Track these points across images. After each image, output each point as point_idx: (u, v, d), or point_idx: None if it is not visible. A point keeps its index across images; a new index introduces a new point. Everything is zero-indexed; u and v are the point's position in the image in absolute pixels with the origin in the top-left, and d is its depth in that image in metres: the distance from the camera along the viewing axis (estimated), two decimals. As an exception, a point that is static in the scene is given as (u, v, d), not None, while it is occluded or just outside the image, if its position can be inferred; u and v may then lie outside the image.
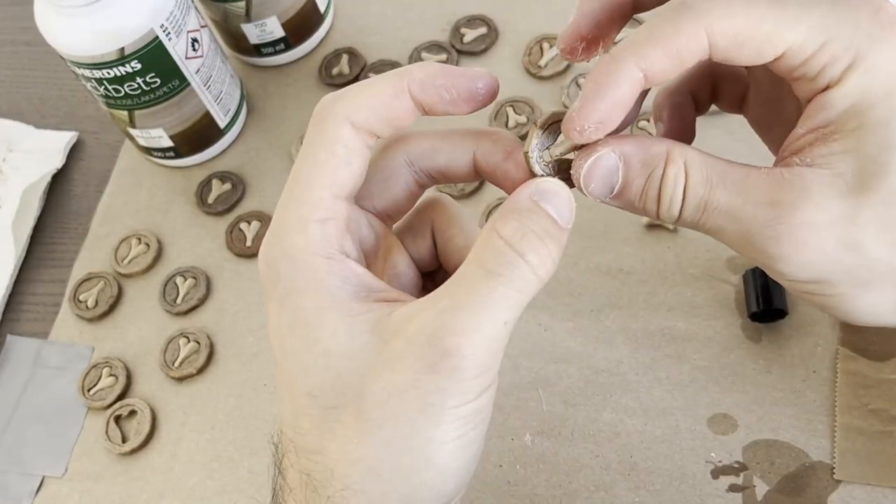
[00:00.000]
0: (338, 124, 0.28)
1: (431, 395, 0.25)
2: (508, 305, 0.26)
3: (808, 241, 0.26)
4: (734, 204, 0.27)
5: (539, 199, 0.27)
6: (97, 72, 0.47)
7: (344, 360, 0.26)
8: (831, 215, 0.26)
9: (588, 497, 0.40)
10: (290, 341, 0.27)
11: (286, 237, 0.28)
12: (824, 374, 0.40)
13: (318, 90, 0.56)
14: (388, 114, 0.28)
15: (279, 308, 0.28)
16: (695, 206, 0.27)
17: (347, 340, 0.27)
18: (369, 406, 0.26)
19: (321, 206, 0.28)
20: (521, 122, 0.51)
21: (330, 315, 0.27)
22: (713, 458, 0.39)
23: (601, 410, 0.41)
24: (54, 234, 0.55)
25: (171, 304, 0.50)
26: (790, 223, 0.26)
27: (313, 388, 0.27)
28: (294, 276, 0.28)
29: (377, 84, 0.28)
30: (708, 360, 0.42)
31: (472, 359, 0.25)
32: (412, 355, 0.25)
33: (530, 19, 0.55)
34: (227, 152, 0.55)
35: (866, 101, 0.26)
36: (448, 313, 0.26)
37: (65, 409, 0.48)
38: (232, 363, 0.48)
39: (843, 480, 0.38)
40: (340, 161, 0.28)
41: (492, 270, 0.26)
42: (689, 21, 0.26)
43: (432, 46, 0.55)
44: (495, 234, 0.26)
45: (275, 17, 0.54)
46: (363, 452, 0.26)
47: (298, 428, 0.27)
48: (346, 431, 0.26)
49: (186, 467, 0.45)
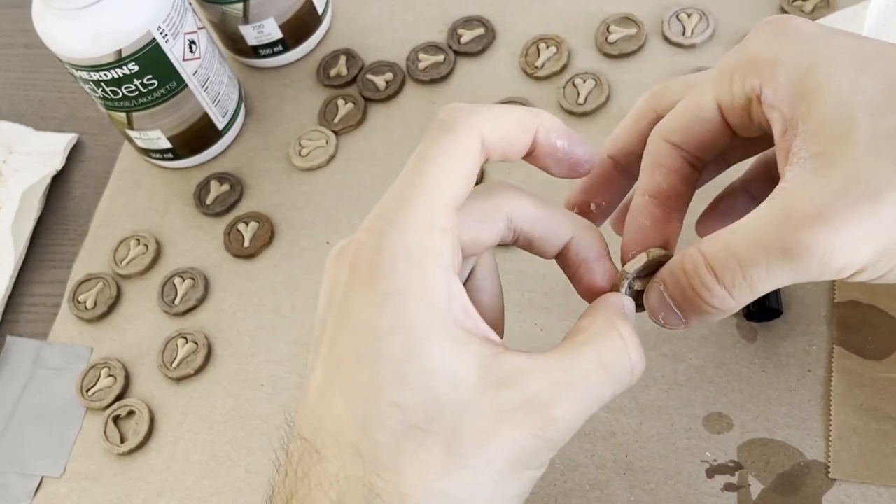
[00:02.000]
0: (472, 137, 0.28)
1: (525, 454, 0.26)
2: (603, 400, 0.28)
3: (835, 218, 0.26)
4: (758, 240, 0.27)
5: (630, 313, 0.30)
6: (95, 74, 0.47)
7: (447, 386, 0.26)
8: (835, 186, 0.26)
9: (583, 496, 0.40)
10: (389, 343, 0.26)
11: (409, 234, 0.27)
12: (819, 373, 0.40)
13: (316, 91, 0.56)
14: (510, 145, 0.29)
15: (381, 303, 0.26)
16: (731, 275, 0.28)
17: (453, 367, 0.26)
18: (465, 444, 0.26)
19: (445, 214, 0.27)
20: (517, 122, 0.51)
21: (438, 330, 0.26)
22: (708, 457, 0.40)
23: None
24: (54, 235, 0.56)
25: (170, 305, 0.50)
26: (809, 214, 0.26)
27: (405, 401, 0.26)
28: (409, 276, 0.27)
29: (512, 113, 0.29)
30: (703, 359, 0.42)
31: (564, 435, 0.27)
32: (524, 414, 0.26)
33: (527, 20, 0.55)
34: (226, 153, 0.55)
35: (798, 83, 0.28)
36: (562, 387, 0.27)
37: (64, 410, 0.48)
38: (230, 363, 0.48)
39: (838, 479, 0.38)
40: (467, 173, 0.28)
41: (607, 366, 0.28)
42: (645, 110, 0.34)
43: (429, 47, 0.55)
44: (617, 333, 0.28)
45: (272, 19, 0.54)
46: (446, 487, 0.26)
47: (372, 437, 0.26)
48: (429, 459, 0.26)
49: (184, 467, 0.45)
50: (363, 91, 0.55)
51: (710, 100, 0.31)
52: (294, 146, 0.54)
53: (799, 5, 0.51)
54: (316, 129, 0.54)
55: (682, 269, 0.29)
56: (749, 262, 0.27)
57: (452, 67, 0.54)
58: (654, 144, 0.32)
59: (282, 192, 0.53)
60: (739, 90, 0.30)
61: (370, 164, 0.53)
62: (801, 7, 0.51)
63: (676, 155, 0.32)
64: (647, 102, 0.34)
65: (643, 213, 0.32)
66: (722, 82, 0.31)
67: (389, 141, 0.53)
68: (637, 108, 0.34)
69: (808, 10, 0.50)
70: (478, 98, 0.53)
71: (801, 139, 0.28)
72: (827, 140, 0.27)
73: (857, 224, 0.26)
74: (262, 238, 0.51)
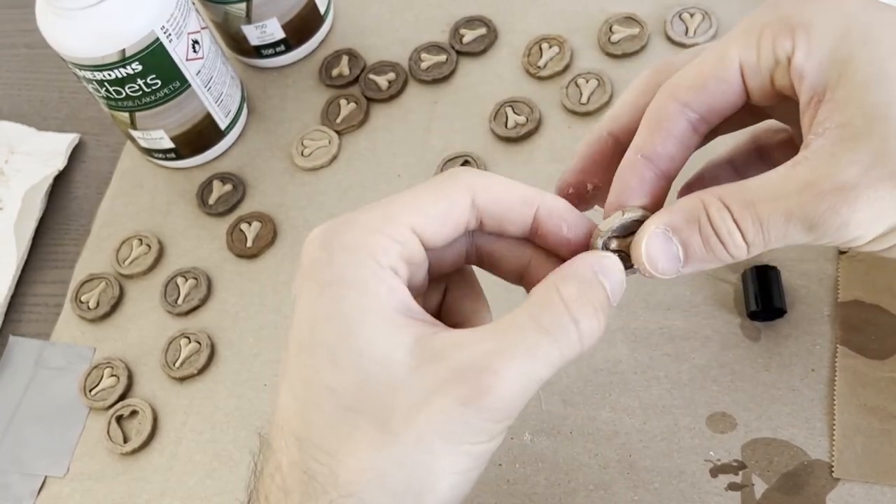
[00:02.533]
0: (460, 189, 0.29)
1: (457, 426, 0.26)
2: (549, 364, 0.27)
3: (857, 196, 0.26)
4: (781, 206, 0.27)
5: (599, 273, 0.28)
6: (98, 73, 0.47)
7: (377, 366, 0.26)
8: (863, 163, 0.26)
9: (587, 496, 0.40)
10: (324, 330, 0.27)
11: (351, 232, 0.28)
12: (823, 373, 0.40)
13: (319, 91, 0.56)
14: (508, 213, 0.29)
15: (319, 293, 0.27)
16: (754, 230, 0.28)
17: (385, 348, 0.26)
18: (395, 420, 0.26)
19: (399, 229, 0.28)
20: (520, 122, 0.51)
21: (372, 316, 0.27)
22: (712, 456, 0.40)
23: (600, 409, 0.42)
24: (56, 235, 0.56)
25: (172, 305, 0.50)
26: (834, 189, 0.26)
27: (337, 383, 0.27)
28: (345, 267, 0.27)
29: (514, 186, 0.30)
30: (707, 358, 0.42)
31: (502, 404, 0.26)
32: (452, 384, 0.26)
33: (529, 20, 0.55)
34: (228, 153, 0.55)
35: (831, 50, 0.27)
36: (493, 356, 0.26)
37: (66, 410, 0.48)
38: (232, 363, 0.48)
39: (842, 478, 0.38)
40: (439, 215, 0.29)
41: (544, 327, 0.27)
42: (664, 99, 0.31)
43: (432, 47, 0.55)
44: (555, 293, 0.27)
45: (275, 19, 0.54)
46: (377, 464, 0.26)
47: (309, 422, 0.27)
48: (363, 438, 0.26)
49: (187, 467, 0.45)
50: (365, 91, 0.55)
51: (733, 58, 0.29)
52: (296, 146, 0.54)
53: None
54: (318, 129, 0.54)
55: (704, 214, 0.28)
56: (770, 223, 0.27)
57: (455, 67, 0.54)
58: (661, 102, 0.31)
59: (284, 192, 0.53)
60: (768, 50, 0.29)
61: (372, 164, 0.53)
62: None
63: (681, 116, 0.30)
64: (651, 76, 0.32)
65: (633, 172, 0.31)
66: (749, 40, 0.29)
67: (392, 141, 0.53)
68: (639, 82, 0.33)
69: None
70: (480, 98, 0.53)
71: (828, 107, 0.27)
72: (855, 111, 0.27)
73: (878, 202, 0.26)
74: (264, 238, 0.51)
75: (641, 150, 0.30)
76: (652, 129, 0.30)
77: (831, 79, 0.27)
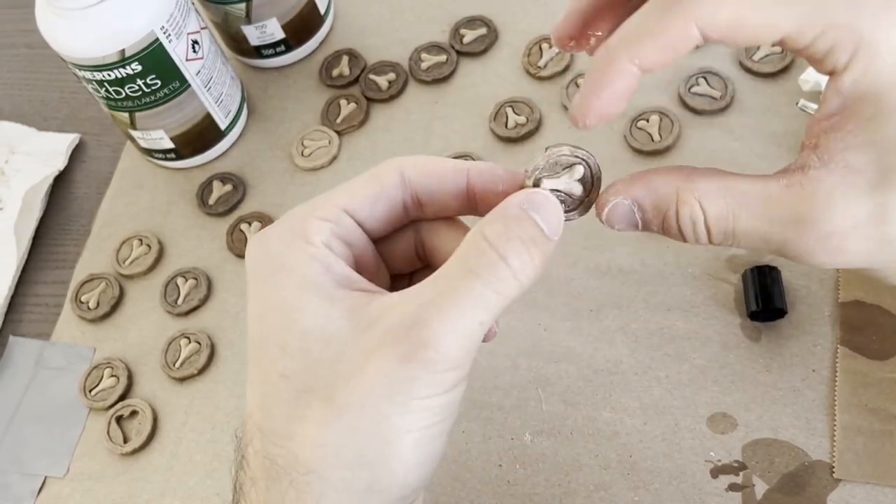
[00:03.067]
0: (389, 169, 0.30)
1: (401, 384, 0.26)
2: (485, 306, 0.26)
3: (840, 248, 0.27)
4: (760, 228, 0.27)
5: (528, 208, 0.28)
6: (98, 74, 0.47)
7: (320, 344, 0.27)
8: (858, 218, 0.26)
9: (587, 496, 0.40)
10: (271, 319, 0.28)
11: (283, 224, 0.29)
12: (824, 373, 0.40)
13: (319, 91, 0.56)
14: (439, 183, 0.30)
15: (262, 285, 0.28)
16: (722, 237, 0.28)
17: (325, 324, 0.27)
18: (338, 392, 0.26)
19: (328, 210, 0.29)
20: (520, 122, 0.51)
21: (309, 297, 0.27)
22: (712, 457, 0.39)
23: (600, 410, 0.42)
24: (56, 235, 0.56)
25: (172, 305, 0.50)
26: (819, 236, 0.27)
27: (287, 369, 0.27)
28: (281, 255, 0.28)
29: (443, 159, 0.30)
30: (707, 359, 0.42)
31: (444, 352, 0.26)
32: (387, 345, 0.26)
33: (530, 20, 0.55)
34: (228, 154, 0.55)
35: (878, 86, 0.26)
36: (425, 307, 0.26)
37: (66, 410, 0.48)
38: (232, 363, 0.48)
39: (843, 479, 0.38)
40: (369, 192, 0.29)
41: (472, 270, 0.26)
42: (679, 16, 0.26)
43: (432, 47, 0.55)
44: (480, 236, 0.27)
45: (275, 19, 0.54)
46: (329, 437, 0.26)
47: (267, 411, 0.27)
48: (314, 416, 0.26)
49: (187, 467, 0.45)
50: (365, 91, 0.55)
51: (779, 28, 0.26)
52: (296, 146, 0.54)
53: None
54: (318, 129, 0.54)
55: (674, 208, 0.28)
56: (743, 239, 0.28)
57: (455, 67, 0.54)
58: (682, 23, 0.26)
59: (284, 193, 0.53)
60: (822, 49, 0.26)
61: (372, 165, 0.51)
62: None
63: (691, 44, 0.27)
64: None
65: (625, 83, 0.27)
66: (809, 24, 0.26)
67: (392, 141, 0.53)
68: None
69: None
70: (480, 98, 0.53)
71: (845, 141, 0.27)
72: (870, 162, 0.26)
73: (857, 255, 0.27)
74: (264, 235, 0.51)
75: (642, 64, 0.27)
76: (661, 50, 0.27)
77: (863, 112, 0.26)
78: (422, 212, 0.31)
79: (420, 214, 0.31)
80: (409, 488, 0.27)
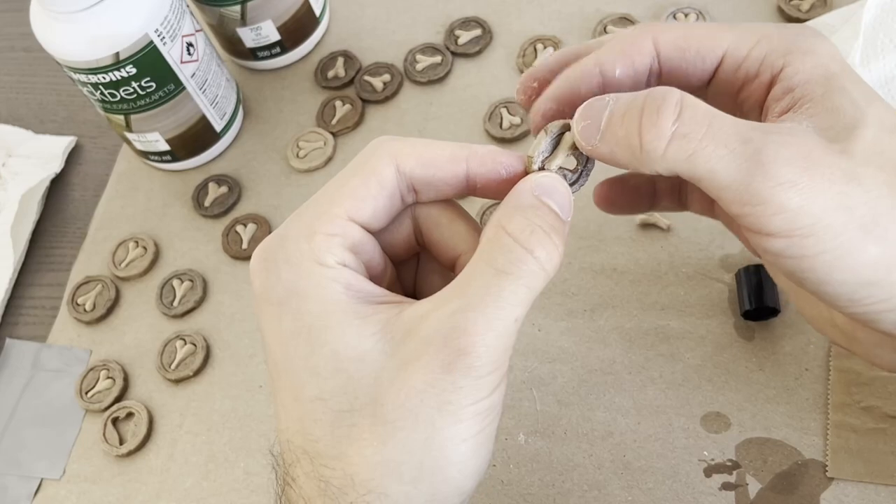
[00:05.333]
0: (383, 161, 0.29)
1: (449, 394, 0.25)
2: (518, 302, 0.26)
3: (799, 180, 0.25)
4: (730, 140, 0.26)
5: (541, 195, 0.28)
6: (93, 76, 0.47)
7: (354, 363, 0.26)
8: (822, 151, 0.26)
9: (581, 496, 0.40)
10: (294, 345, 0.27)
11: (289, 243, 0.28)
12: (817, 372, 0.40)
13: (314, 93, 0.56)
14: (437, 173, 0.29)
15: (278, 312, 0.28)
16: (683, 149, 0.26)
17: (357, 342, 0.26)
18: (386, 408, 0.26)
19: (334, 222, 0.28)
20: (514, 122, 0.51)
21: (336, 318, 0.27)
22: (706, 456, 0.39)
23: (595, 409, 0.42)
24: (53, 238, 0.56)
25: (168, 307, 0.50)
26: (780, 155, 0.25)
27: (323, 391, 0.27)
28: (295, 281, 0.27)
29: (437, 143, 0.29)
30: (701, 358, 0.42)
31: (486, 357, 0.26)
32: (427, 356, 0.26)
33: (524, 21, 0.55)
34: (224, 156, 0.55)
35: (824, 73, 0.28)
36: (461, 314, 0.26)
37: (63, 412, 0.48)
38: (228, 365, 0.48)
39: (836, 478, 0.38)
40: (369, 193, 0.28)
41: (502, 269, 0.26)
42: (638, 29, 0.30)
43: (427, 49, 0.55)
44: (503, 232, 0.27)
45: (270, 21, 0.54)
46: (384, 456, 0.26)
47: (309, 435, 0.27)
48: (363, 435, 0.26)
49: (183, 468, 0.45)
50: (361, 92, 0.55)
51: (720, 44, 0.30)
52: (292, 148, 0.54)
53: (796, 4, 0.51)
54: (314, 130, 0.54)
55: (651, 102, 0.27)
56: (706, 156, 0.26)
57: (450, 68, 0.54)
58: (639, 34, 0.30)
59: (280, 194, 0.53)
60: (758, 56, 0.29)
61: (368, 166, 0.52)
62: (799, 6, 0.51)
63: (649, 57, 0.30)
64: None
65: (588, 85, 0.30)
66: (744, 38, 0.29)
67: (387, 142, 0.53)
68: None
69: (804, 9, 0.50)
70: (475, 99, 0.53)
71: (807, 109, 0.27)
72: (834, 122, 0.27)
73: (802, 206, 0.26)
74: (260, 240, 0.50)
75: (602, 67, 0.30)
76: (620, 52, 0.30)
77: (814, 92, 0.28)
78: (417, 198, 0.30)
79: (415, 199, 0.30)
80: (466, 494, 0.27)
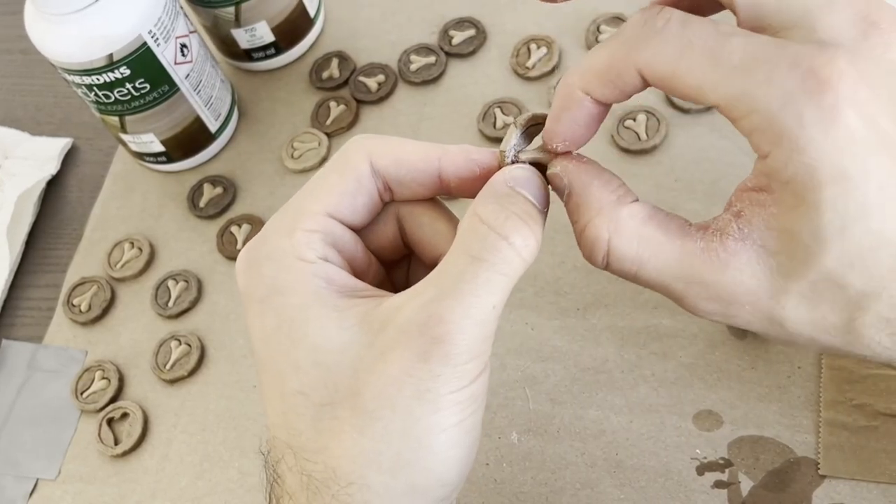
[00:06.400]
0: (359, 158, 0.29)
1: (427, 383, 0.26)
2: (495, 289, 0.26)
3: (735, 316, 0.27)
4: (663, 280, 0.27)
5: (515, 185, 0.28)
6: (87, 78, 0.48)
7: (334, 355, 0.27)
8: (758, 297, 0.26)
9: (574, 494, 0.40)
10: (276, 340, 0.28)
11: (270, 241, 0.29)
12: (809, 370, 0.40)
13: (309, 94, 0.56)
14: (411, 171, 0.29)
15: (261, 308, 0.28)
16: (619, 274, 0.28)
17: (336, 334, 0.27)
18: (365, 399, 0.26)
19: (313, 219, 0.28)
20: (508, 122, 0.51)
21: (315, 311, 0.27)
22: (698, 454, 0.40)
23: (587, 408, 0.42)
24: (49, 239, 0.56)
25: (163, 308, 0.50)
26: (720, 300, 0.26)
27: (304, 385, 0.27)
28: (276, 277, 0.28)
29: (412, 143, 0.30)
30: (693, 357, 0.42)
31: (463, 344, 0.26)
32: (403, 345, 0.26)
33: (518, 21, 0.55)
34: (219, 156, 0.55)
35: (803, 182, 0.24)
36: (436, 302, 0.26)
37: (58, 413, 0.49)
38: (222, 365, 0.48)
39: (828, 475, 0.38)
40: (347, 190, 0.29)
41: (476, 256, 0.26)
42: (622, 59, 0.26)
43: (421, 49, 0.55)
44: (477, 220, 0.27)
45: (264, 22, 0.54)
46: (364, 446, 0.26)
47: (292, 429, 0.27)
48: (343, 427, 0.26)
49: (178, 468, 0.45)
50: (355, 93, 0.55)
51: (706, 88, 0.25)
52: (286, 148, 0.54)
53: None
54: (308, 131, 0.54)
55: (583, 227, 0.28)
56: (643, 281, 0.28)
57: (444, 69, 0.55)
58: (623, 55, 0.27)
59: (274, 195, 0.53)
60: (746, 128, 0.25)
61: (362, 166, 0.53)
62: None
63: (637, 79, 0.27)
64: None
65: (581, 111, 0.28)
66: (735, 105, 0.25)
67: (381, 142, 0.53)
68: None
69: None
70: (468, 99, 0.53)
71: (769, 218, 0.25)
72: (789, 249, 0.25)
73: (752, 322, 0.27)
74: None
75: (594, 97, 0.27)
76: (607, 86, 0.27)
77: (786, 201, 0.25)
78: (392, 196, 0.30)
79: (391, 198, 0.30)
80: (450, 486, 0.27)
